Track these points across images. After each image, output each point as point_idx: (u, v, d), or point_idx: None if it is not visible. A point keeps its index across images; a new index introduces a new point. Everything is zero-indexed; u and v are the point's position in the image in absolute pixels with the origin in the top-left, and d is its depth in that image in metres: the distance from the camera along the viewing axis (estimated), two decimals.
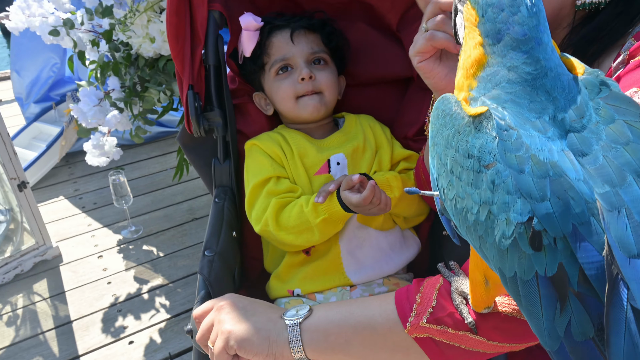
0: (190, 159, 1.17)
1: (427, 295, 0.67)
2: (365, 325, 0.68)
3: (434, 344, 0.65)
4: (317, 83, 1.04)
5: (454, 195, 0.48)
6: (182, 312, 1.87)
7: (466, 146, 0.46)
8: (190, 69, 1.02)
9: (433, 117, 0.52)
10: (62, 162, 2.88)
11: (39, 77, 2.91)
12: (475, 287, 0.60)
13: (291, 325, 0.70)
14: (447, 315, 0.64)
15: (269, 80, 1.07)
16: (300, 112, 1.05)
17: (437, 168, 0.51)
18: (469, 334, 0.64)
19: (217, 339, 0.71)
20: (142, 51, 1.79)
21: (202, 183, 2.71)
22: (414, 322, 0.65)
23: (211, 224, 1.02)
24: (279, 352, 0.69)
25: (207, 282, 0.89)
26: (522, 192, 0.42)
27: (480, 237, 0.46)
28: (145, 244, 2.25)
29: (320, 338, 0.69)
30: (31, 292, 1.98)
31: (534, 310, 0.43)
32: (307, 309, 0.72)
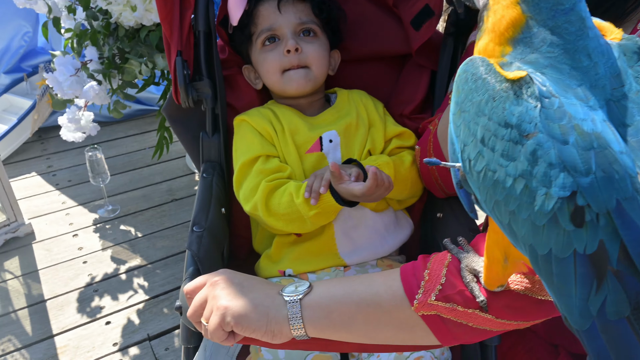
0: (177, 132, 1.12)
1: (436, 272, 0.64)
2: (369, 301, 0.65)
3: (442, 321, 0.63)
4: (303, 56, 0.98)
5: (483, 167, 0.45)
6: (161, 293, 1.83)
7: (503, 113, 0.43)
8: (179, 34, 0.97)
9: (460, 81, 0.48)
10: (34, 137, 2.78)
11: (9, 46, 2.79)
12: (492, 264, 0.58)
13: (291, 302, 0.67)
14: (456, 293, 0.62)
15: (256, 51, 1.02)
16: (285, 86, 1.00)
17: (463, 137, 0.47)
18: (479, 312, 0.61)
19: (212, 315, 0.67)
20: (123, 20, 1.72)
21: (182, 163, 2.65)
22: (422, 300, 0.63)
23: (199, 199, 0.97)
24: (278, 329, 0.66)
25: (196, 258, 0.85)
26: (566, 165, 0.39)
27: (511, 213, 0.43)
28: (123, 223, 2.19)
29: (321, 315, 0.66)
30: (2, 270, 1.91)
31: (567, 288, 0.41)
32: (307, 285, 0.68)
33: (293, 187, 0.91)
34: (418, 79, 1.07)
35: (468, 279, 0.62)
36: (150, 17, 1.68)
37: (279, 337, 0.67)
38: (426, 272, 0.65)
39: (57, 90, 1.73)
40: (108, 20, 1.79)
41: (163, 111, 1.10)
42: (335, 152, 0.99)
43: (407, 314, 0.64)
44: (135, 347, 1.62)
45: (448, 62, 1.02)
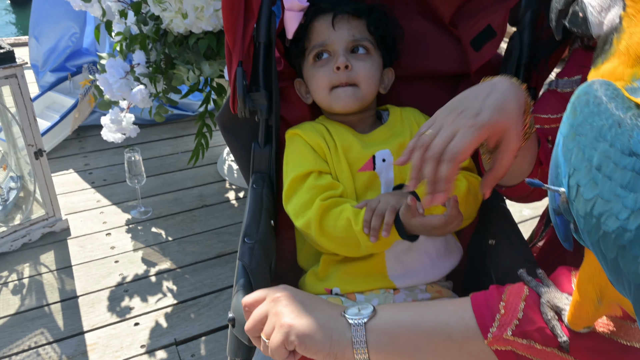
0: (228, 141, 1.12)
1: (512, 305, 0.61)
2: (438, 331, 0.62)
3: (516, 358, 0.60)
4: (352, 74, 0.96)
5: (594, 196, 0.42)
6: (189, 298, 1.82)
7: (628, 142, 0.40)
8: (241, 45, 0.97)
9: (579, 103, 0.46)
10: (73, 134, 2.81)
11: (57, 45, 2.85)
12: (583, 304, 0.54)
13: (355, 325, 0.64)
14: (535, 330, 0.59)
15: (307, 66, 1.01)
16: (332, 103, 0.99)
17: (574, 162, 0.45)
18: (557, 351, 0.58)
19: (274, 332, 0.65)
20: (173, 26, 1.73)
21: (213, 170, 2.66)
22: (497, 334, 0.60)
23: (250, 210, 0.96)
24: (341, 352, 0.64)
25: (248, 270, 0.83)
26: None
27: (620, 248, 0.41)
28: (154, 226, 2.20)
29: (387, 341, 0.64)
30: (38, 263, 1.93)
31: None
32: (371, 309, 0.66)
33: (351, 213, 0.88)
34: None
35: (549, 316, 0.59)
36: (200, 25, 1.69)
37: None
38: (502, 304, 0.62)
39: (106, 91, 1.75)
40: (158, 26, 1.81)
41: (216, 119, 1.10)
42: (388, 172, 0.97)
43: (478, 347, 0.61)
44: (162, 350, 1.61)
45: None
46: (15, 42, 4.41)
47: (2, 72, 1.68)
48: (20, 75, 1.72)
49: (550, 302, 0.60)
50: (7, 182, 2.12)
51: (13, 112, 1.81)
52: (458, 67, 1.07)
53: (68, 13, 2.76)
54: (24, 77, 1.73)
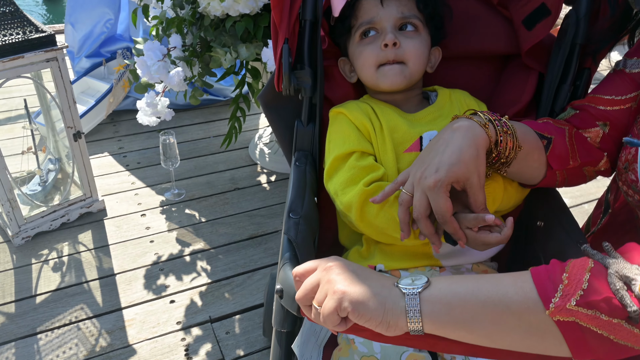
0: (270, 120, 1.11)
1: (577, 276, 0.60)
2: (496, 302, 0.61)
3: (579, 329, 0.58)
4: (400, 51, 0.94)
5: None
6: (222, 278, 1.83)
7: None
8: (287, 22, 0.96)
9: None
10: (107, 119, 2.85)
11: (92, 31, 2.88)
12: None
13: (409, 294, 0.63)
14: (602, 300, 0.57)
15: (353, 44, 1.00)
16: (378, 81, 0.97)
17: None
18: (625, 324, 0.56)
19: (327, 299, 0.64)
20: (210, 9, 1.73)
21: (244, 154, 2.67)
22: (559, 304, 0.58)
23: (294, 186, 0.96)
24: (394, 321, 0.63)
25: (294, 244, 0.83)
26: None
27: None
28: (188, 207, 2.21)
29: (442, 310, 0.63)
30: (76, 242, 1.96)
31: None
32: (425, 279, 0.65)
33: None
34: (525, 80, 1.02)
35: (618, 286, 0.57)
36: (237, 7, 1.68)
37: (393, 329, 0.64)
38: (565, 275, 0.60)
39: (144, 74, 1.76)
40: (195, 9, 1.81)
41: (259, 98, 1.10)
42: None
43: (539, 318, 0.59)
44: (197, 327, 1.63)
45: (561, 66, 0.97)
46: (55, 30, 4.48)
47: (44, 56, 1.70)
48: (61, 58, 1.73)
49: (619, 272, 0.58)
50: (46, 163, 2.16)
51: (53, 95, 1.83)
52: (505, 47, 1.05)
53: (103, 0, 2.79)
54: (64, 60, 1.75)
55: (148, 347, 1.55)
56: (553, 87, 0.99)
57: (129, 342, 1.56)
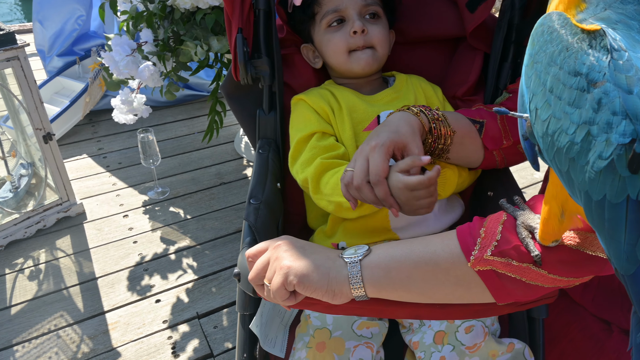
0: (234, 109, 1.20)
1: (491, 230, 0.70)
2: (427, 260, 0.71)
3: (496, 276, 0.69)
4: (369, 37, 1.05)
5: (548, 116, 0.50)
6: (209, 273, 1.93)
7: (574, 63, 0.48)
8: (240, 11, 1.04)
9: (536, 34, 0.54)
10: (85, 119, 2.94)
11: (62, 29, 2.95)
12: (549, 219, 0.63)
13: (351, 263, 0.73)
14: (511, 248, 0.68)
15: (319, 32, 1.09)
16: (352, 66, 1.07)
17: (533, 87, 0.53)
18: (532, 267, 0.67)
19: (274, 275, 0.74)
20: (179, 3, 1.82)
21: (230, 148, 2.76)
22: (478, 255, 0.68)
23: (256, 173, 1.05)
24: (338, 289, 0.72)
25: (253, 229, 0.92)
26: (629, 113, 0.44)
27: (571, 160, 0.49)
28: (172, 205, 2.31)
29: (381, 274, 0.72)
30: (54, 248, 2.06)
31: (617, 234, 0.46)
32: (366, 248, 0.75)
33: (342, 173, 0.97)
34: (471, 61, 1.13)
35: (523, 234, 0.68)
36: (206, 0, 1.77)
37: (339, 297, 0.73)
38: (482, 229, 0.71)
39: (113, 69, 1.85)
40: (164, 3, 1.90)
41: (221, 88, 1.19)
42: None
43: (463, 270, 0.70)
44: (184, 324, 1.73)
45: (501, 44, 1.08)
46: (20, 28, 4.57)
47: (3, 55, 1.76)
48: (22, 57, 1.79)
49: (524, 223, 0.69)
50: (17, 169, 2.25)
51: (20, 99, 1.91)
52: (454, 30, 1.16)
53: None
54: (26, 59, 1.81)
55: (133, 348, 1.65)
56: (496, 66, 1.10)
57: (113, 346, 1.66)
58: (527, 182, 2.53)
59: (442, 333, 0.91)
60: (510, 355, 0.91)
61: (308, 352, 0.92)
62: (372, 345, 0.93)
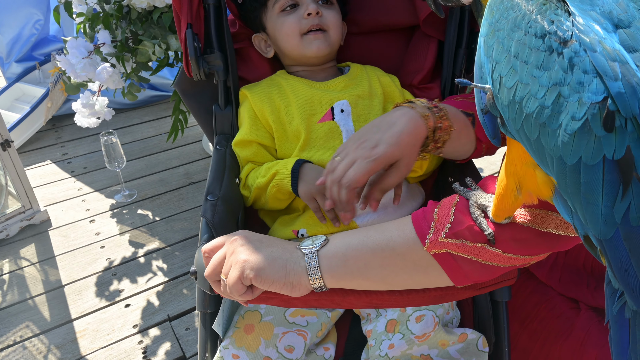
0: (190, 106, 1.17)
1: (445, 212, 0.69)
2: (383, 246, 0.70)
3: (452, 258, 0.67)
4: (323, 19, 1.04)
5: (514, 82, 0.48)
6: (180, 274, 1.89)
7: (542, 25, 0.47)
8: (188, 7, 1.01)
9: (494, 3, 0.52)
10: (48, 125, 2.86)
11: (20, 34, 2.87)
12: (504, 196, 0.61)
13: (308, 253, 0.71)
14: (465, 229, 0.66)
15: (272, 17, 1.07)
16: (305, 49, 1.05)
17: (495, 55, 0.51)
18: (486, 246, 0.66)
19: (230, 270, 0.71)
20: (135, 2, 1.77)
21: (198, 147, 2.71)
22: (433, 239, 0.67)
23: (213, 169, 1.02)
24: (297, 281, 0.71)
25: (210, 225, 0.89)
26: (599, 71, 0.43)
27: (541, 125, 0.47)
28: (140, 208, 2.26)
29: (338, 263, 0.71)
30: (18, 257, 1.99)
31: (593, 197, 0.45)
32: (324, 238, 0.73)
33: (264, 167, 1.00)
34: (426, 49, 1.12)
35: (476, 214, 0.67)
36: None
37: (297, 289, 0.71)
38: (435, 212, 0.69)
39: (70, 72, 1.79)
40: (120, 3, 1.85)
41: (175, 85, 1.15)
42: (347, 121, 1.02)
43: (420, 254, 0.68)
44: (155, 328, 1.68)
45: (455, 31, 1.07)
46: None
47: None
48: None
49: (477, 203, 0.68)
50: None
51: None
52: (408, 19, 1.14)
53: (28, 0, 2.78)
54: None
55: (102, 356, 1.60)
56: (451, 52, 1.09)
57: (82, 354, 1.60)
58: (491, 172, 2.54)
59: (394, 322, 0.90)
60: (462, 345, 0.90)
61: (234, 332, 0.90)
62: (305, 334, 0.91)
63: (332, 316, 0.95)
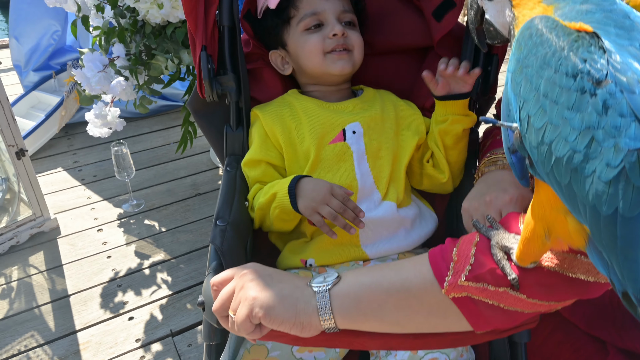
0: (201, 126, 1.15)
1: (464, 252, 0.64)
2: (399, 287, 0.65)
3: (473, 303, 0.62)
4: (348, 40, 1.03)
5: (544, 123, 0.45)
6: (184, 288, 1.86)
7: (573, 63, 0.43)
8: (203, 29, 0.99)
9: (523, 38, 0.49)
10: (61, 132, 2.86)
11: (38, 44, 2.89)
12: (532, 240, 0.57)
13: (320, 292, 0.66)
14: (487, 272, 0.61)
15: (295, 34, 1.05)
16: (328, 67, 1.03)
17: (523, 93, 0.47)
18: (510, 291, 0.61)
19: (239, 306, 0.67)
20: (150, 17, 1.76)
21: (206, 158, 2.69)
22: (452, 281, 0.62)
23: (223, 192, 1.00)
24: (307, 321, 0.66)
25: (219, 252, 0.86)
26: (637, 114, 0.39)
27: (573, 170, 0.43)
28: (147, 218, 2.24)
29: (351, 304, 0.66)
30: (27, 265, 1.97)
31: (632, 252, 0.41)
32: (335, 275, 0.68)
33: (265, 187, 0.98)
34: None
35: (499, 256, 0.61)
36: (176, 14, 1.72)
37: (308, 330, 0.66)
38: (454, 253, 0.64)
39: (85, 86, 1.78)
40: (135, 18, 1.84)
41: (188, 105, 1.13)
42: (359, 143, 1.01)
43: (438, 297, 0.63)
44: (157, 343, 1.65)
45: (471, 53, 1.04)
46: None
47: None
48: None
49: (499, 243, 0.62)
50: None
51: None
52: (422, 40, 1.12)
53: (48, 11, 2.79)
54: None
55: None
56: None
57: None
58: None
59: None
60: None
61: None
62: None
63: (340, 352, 0.91)
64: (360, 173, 0.99)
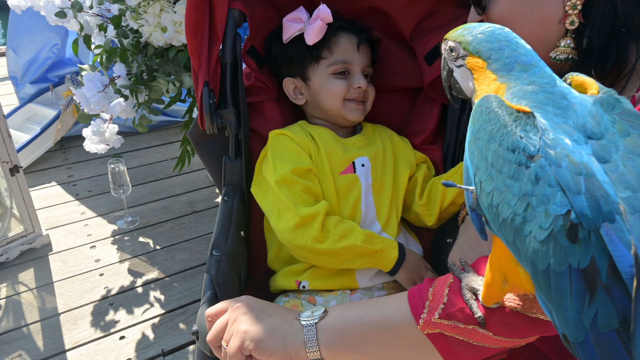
0: (201, 155, 1.19)
1: (439, 292, 0.71)
2: (380, 323, 0.72)
3: (445, 339, 0.69)
4: (366, 94, 1.12)
5: (491, 189, 0.52)
6: (177, 307, 1.89)
7: (512, 139, 0.51)
8: (206, 66, 1.04)
9: (476, 114, 0.57)
10: (56, 146, 2.89)
11: (37, 56, 2.92)
12: (492, 284, 0.64)
13: (307, 326, 0.73)
14: (457, 310, 0.68)
15: (322, 74, 1.11)
16: (345, 113, 1.11)
17: (476, 162, 0.55)
18: (478, 328, 0.68)
19: (232, 339, 0.73)
20: (153, 40, 1.80)
21: (202, 175, 2.73)
22: (427, 319, 0.69)
23: (220, 222, 1.04)
24: (295, 353, 0.72)
25: (214, 282, 0.91)
26: (562, 185, 0.46)
27: (515, 230, 0.50)
28: (142, 235, 2.27)
29: (336, 338, 0.72)
30: (16, 282, 1.99)
31: (563, 302, 0.47)
32: (323, 310, 0.75)
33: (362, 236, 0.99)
34: (429, 111, 1.16)
35: (468, 296, 0.69)
36: (179, 38, 1.76)
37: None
38: (430, 292, 0.71)
39: (84, 105, 1.82)
40: (138, 39, 1.88)
41: (188, 135, 1.17)
42: (367, 176, 1.08)
43: (414, 333, 0.70)
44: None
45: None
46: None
47: None
48: None
49: (468, 285, 0.70)
50: None
51: None
52: (417, 81, 1.18)
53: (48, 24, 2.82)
54: None
55: None
56: (455, 117, 1.13)
57: None
58: None
59: None
60: None
61: None
62: None
63: None
64: (365, 205, 1.06)
